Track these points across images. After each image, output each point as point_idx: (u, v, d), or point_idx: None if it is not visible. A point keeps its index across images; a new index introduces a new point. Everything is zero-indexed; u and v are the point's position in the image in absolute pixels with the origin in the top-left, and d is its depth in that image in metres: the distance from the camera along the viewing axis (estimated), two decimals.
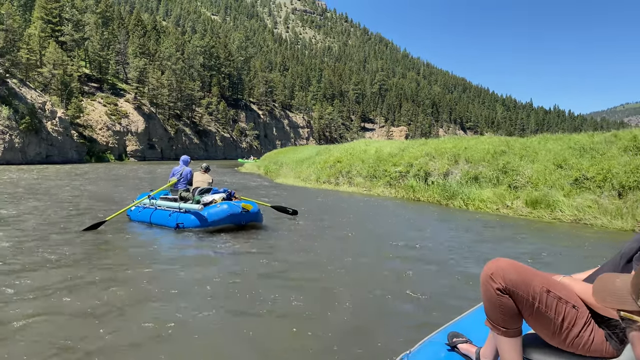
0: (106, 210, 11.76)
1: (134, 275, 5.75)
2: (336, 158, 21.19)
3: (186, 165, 10.86)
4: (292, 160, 30.43)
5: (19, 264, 6.12)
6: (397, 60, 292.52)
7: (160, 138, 77.51)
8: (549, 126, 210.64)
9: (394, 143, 20.21)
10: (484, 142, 15.02)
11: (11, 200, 13.86)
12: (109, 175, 30.01)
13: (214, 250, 7.46)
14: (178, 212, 9.37)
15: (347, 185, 18.08)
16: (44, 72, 59.43)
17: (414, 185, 14.50)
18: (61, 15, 72.73)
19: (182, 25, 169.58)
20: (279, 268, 6.25)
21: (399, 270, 6.16)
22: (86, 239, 7.98)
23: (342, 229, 9.62)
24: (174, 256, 7.03)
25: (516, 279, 1.79)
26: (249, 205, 9.29)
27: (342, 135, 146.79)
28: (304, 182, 21.42)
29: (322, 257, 6.85)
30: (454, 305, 4.48)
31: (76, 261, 6.39)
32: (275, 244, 8.02)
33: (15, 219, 10.01)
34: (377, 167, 17.33)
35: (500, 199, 11.52)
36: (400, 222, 10.55)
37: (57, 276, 5.59)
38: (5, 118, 43.99)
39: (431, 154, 15.68)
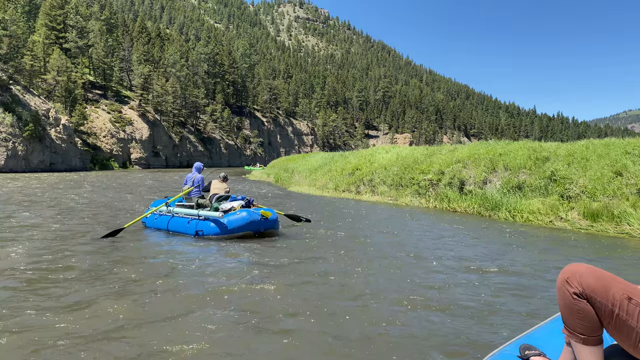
0: (117, 218, 11.67)
1: (160, 284, 5.70)
2: (354, 165, 20.13)
3: (199, 172, 10.78)
4: (303, 168, 29.41)
5: (40, 273, 6.09)
6: (399, 67, 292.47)
7: (165, 145, 76.63)
8: (553, 133, 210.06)
9: (417, 149, 19.16)
10: (522, 148, 13.95)
11: (24, 209, 13.56)
12: (116, 183, 29.02)
13: (238, 259, 7.33)
14: (197, 219, 9.25)
15: (370, 194, 17.00)
16: (47, 79, 58.68)
17: (449, 194, 13.42)
18: (65, 22, 72.16)
19: (186, 33, 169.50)
20: (305, 278, 6.08)
21: (450, 283, 5.81)
22: (106, 247, 7.92)
23: (371, 241, 9.04)
24: (198, 265, 6.86)
25: (594, 284, 1.75)
26: (267, 213, 9.18)
27: (346, 143, 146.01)
28: (321, 191, 20.37)
29: (353, 271, 6.55)
30: (526, 318, 4.36)
31: (98, 268, 6.37)
32: (301, 255, 7.70)
33: (31, 228, 9.85)
34: (402, 174, 16.26)
35: (553, 210, 10.44)
36: (441, 235, 9.49)
37: (78, 285, 5.57)
38: (8, 125, 43.10)
39: (463, 160, 14.62)
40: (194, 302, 4.97)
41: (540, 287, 5.61)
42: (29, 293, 5.21)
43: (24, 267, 6.33)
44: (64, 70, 59.21)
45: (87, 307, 4.76)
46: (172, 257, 7.36)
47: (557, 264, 6.82)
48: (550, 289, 5.47)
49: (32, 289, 5.38)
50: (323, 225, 10.81)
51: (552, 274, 6.19)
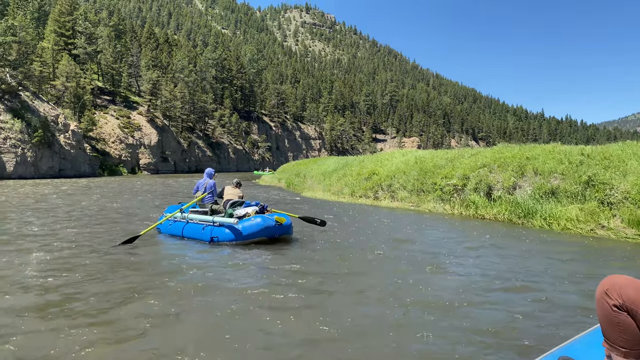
0: (131, 224, 11.71)
1: (181, 292, 5.71)
2: (371, 170, 19.52)
3: (210, 177, 10.75)
4: (316, 172, 28.84)
5: (60, 281, 6.10)
6: (406, 71, 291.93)
7: (174, 151, 76.41)
8: (562, 136, 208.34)
9: (437, 153, 18.53)
10: (551, 151, 13.30)
11: (38, 216, 13.47)
12: (127, 189, 28.60)
13: (256, 266, 7.38)
14: (212, 225, 9.22)
15: (389, 199, 16.38)
16: (57, 85, 58.65)
17: (477, 200, 12.78)
18: (74, 28, 72.29)
19: (193, 39, 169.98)
20: (321, 286, 6.01)
21: (485, 292, 5.58)
22: (124, 255, 7.92)
23: (391, 248, 8.70)
24: (216, 272, 6.85)
25: (635, 297, 1.71)
26: (282, 218, 9.19)
27: (354, 147, 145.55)
28: (336, 196, 19.78)
29: (370, 279, 6.47)
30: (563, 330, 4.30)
31: (117, 277, 6.36)
32: (316, 261, 7.66)
33: (48, 236, 9.81)
34: (423, 180, 15.64)
35: (593, 218, 9.79)
36: (470, 243, 8.88)
37: (97, 294, 5.57)
38: (17, 131, 42.92)
39: (489, 165, 13.99)
40: (217, 311, 4.99)
41: (579, 298, 5.38)
42: (51, 302, 5.21)
43: (44, 276, 6.33)
44: (73, 76, 59.17)
45: (107, 316, 4.78)
46: (191, 265, 7.31)
47: (597, 274, 6.28)
48: (588, 301, 5.22)
49: (53, 298, 5.39)
50: (340, 232, 10.58)
51: (591, 285, 5.63)
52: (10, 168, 41.68)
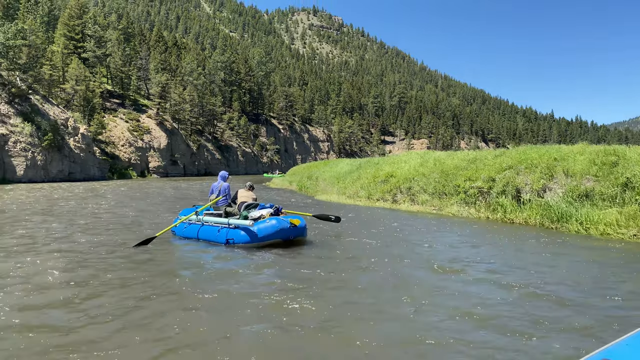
0: (144, 227, 11.76)
1: (198, 292, 5.77)
2: (388, 172, 18.97)
3: (224, 180, 10.75)
4: (329, 175, 28.33)
5: (77, 284, 6.13)
6: (414, 73, 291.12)
7: (183, 154, 76.20)
8: (572, 137, 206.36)
9: (457, 154, 17.94)
10: (581, 152, 12.69)
11: (52, 219, 13.49)
12: (138, 192, 28.24)
13: (271, 268, 7.41)
14: (227, 227, 9.28)
15: (409, 203, 15.82)
16: (66, 88, 58.60)
17: (505, 204, 12.19)
18: (84, 32, 72.34)
19: (201, 42, 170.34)
20: (336, 289, 5.99)
21: (522, 302, 5.31)
22: (139, 257, 7.92)
23: (418, 254, 8.40)
24: (234, 274, 6.89)
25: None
26: (296, 220, 9.27)
27: (362, 149, 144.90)
28: (352, 200, 19.25)
29: (386, 281, 6.42)
30: None
31: (134, 279, 6.37)
32: (332, 263, 7.65)
33: (62, 239, 9.90)
34: (445, 182, 15.06)
35: (636, 222, 9.18)
36: (502, 249, 8.31)
37: (114, 296, 5.61)
38: (27, 135, 42.80)
39: (515, 166, 13.40)
40: (233, 311, 5.05)
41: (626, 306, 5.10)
42: (70, 305, 5.23)
43: (61, 279, 6.37)
44: (82, 80, 59.10)
45: (125, 318, 4.80)
46: (207, 266, 7.37)
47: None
48: None
49: (72, 300, 5.43)
50: (358, 236, 10.35)
51: None
52: (20, 172, 41.55)
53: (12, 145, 41.37)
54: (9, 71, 44.78)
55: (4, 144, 40.81)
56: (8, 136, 41.23)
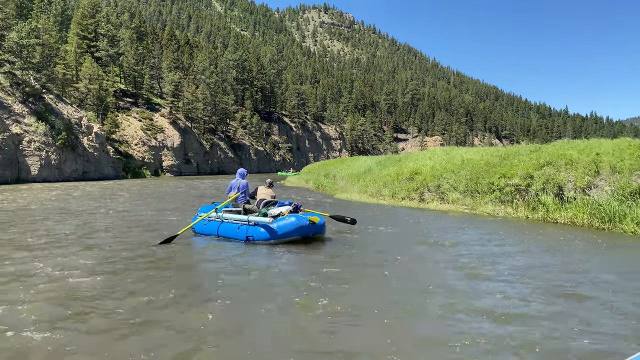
0: (165, 225, 11.76)
1: (225, 292, 5.76)
2: (413, 169, 18.19)
3: (242, 177, 10.76)
4: (346, 173, 27.60)
5: (105, 283, 6.17)
6: (426, 69, 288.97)
7: (196, 152, 75.91)
8: (587, 133, 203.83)
9: (487, 150, 17.11)
10: (628, 147, 11.83)
11: (74, 218, 13.53)
12: (154, 191, 27.75)
13: (293, 266, 7.45)
14: (247, 225, 9.30)
15: (438, 201, 15.03)
16: (80, 87, 58.50)
17: (547, 202, 11.37)
18: (96, 31, 72.33)
19: (213, 41, 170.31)
20: (358, 287, 5.94)
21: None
22: (163, 255, 8.01)
23: (453, 256, 7.76)
24: (256, 271, 6.92)
25: None
26: (315, 218, 9.24)
27: (375, 147, 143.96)
28: (375, 199, 18.49)
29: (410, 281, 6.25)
30: None
31: (160, 277, 6.44)
32: (353, 261, 7.63)
33: (86, 236, 10.08)
34: (477, 179, 14.26)
35: None
36: (552, 251, 7.52)
37: (140, 290, 5.73)
38: (41, 134, 42.60)
39: (555, 162, 12.56)
40: (256, 307, 5.06)
41: None
42: (100, 304, 5.25)
43: (86, 276, 6.43)
44: (96, 79, 58.97)
45: (152, 314, 4.83)
46: (230, 264, 7.41)
47: None
48: None
49: (98, 295, 5.51)
50: (381, 234, 10.09)
51: None
52: (34, 171, 41.36)
53: (27, 145, 41.19)
54: (22, 70, 44.63)
55: (18, 143, 40.63)
56: (22, 136, 41.05)
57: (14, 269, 6.73)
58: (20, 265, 7.02)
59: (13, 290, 5.69)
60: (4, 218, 13.48)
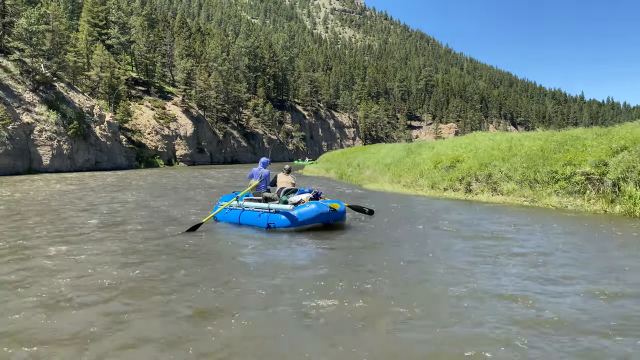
0: (187, 214, 11.91)
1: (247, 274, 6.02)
2: (454, 157, 16.59)
3: (265, 167, 10.82)
4: (372, 161, 26.04)
5: (136, 265, 6.47)
6: (439, 56, 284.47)
7: (209, 142, 74.64)
8: (604, 119, 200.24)
9: (540, 135, 15.44)
10: None
11: (97, 208, 13.60)
12: (171, 180, 26.46)
13: (316, 253, 7.43)
14: (268, 212, 9.41)
15: (489, 192, 13.45)
16: (91, 76, 57.32)
17: (635, 194, 9.76)
18: (107, 18, 71.01)
19: (224, 29, 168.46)
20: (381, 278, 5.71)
21: None
22: (191, 242, 8.14)
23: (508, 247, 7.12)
24: (279, 259, 6.99)
25: None
26: (336, 205, 9.32)
27: (389, 134, 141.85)
28: (412, 189, 16.93)
29: None
30: None
31: (189, 262, 6.63)
32: (376, 246, 7.65)
33: (113, 225, 10.16)
34: (536, 167, 12.64)
35: None
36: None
37: (173, 276, 5.87)
38: (53, 123, 41.48)
39: (631, 148, 10.92)
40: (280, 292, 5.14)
41: None
42: (120, 287, 5.39)
43: (124, 263, 6.57)
44: (107, 66, 57.74)
45: (187, 302, 4.88)
46: (252, 251, 7.56)
47: None
48: None
49: (122, 283, 5.58)
50: (416, 226, 9.53)
51: None
52: (46, 161, 40.34)
53: (38, 135, 40.11)
54: (32, 58, 43.46)
55: (29, 133, 39.57)
56: (33, 125, 39.97)
57: (46, 262, 6.69)
58: (52, 258, 6.93)
59: (46, 280, 5.74)
60: (27, 209, 13.30)
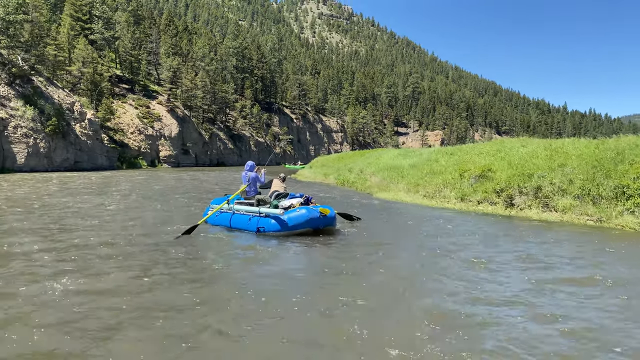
0: (179, 219, 11.71)
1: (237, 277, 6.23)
2: (484, 165, 14.71)
3: (250, 170, 10.67)
4: (376, 167, 24.12)
5: (134, 267, 6.52)
6: (425, 63, 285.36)
7: (195, 143, 71.99)
8: (586, 130, 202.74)
9: (584, 142, 13.65)
10: None
11: (93, 210, 13.28)
12: (159, 184, 24.15)
13: (305, 257, 7.55)
14: (258, 216, 9.37)
15: (538, 208, 11.56)
16: (72, 71, 54.42)
17: None
18: (91, 13, 68.08)
19: (210, 30, 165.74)
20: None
21: None
22: (175, 246, 8.08)
23: None
24: (265, 263, 7.04)
25: None
26: (326, 210, 9.23)
27: (376, 140, 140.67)
28: (435, 201, 14.98)
29: None
30: None
31: (181, 266, 6.68)
32: (364, 253, 7.52)
33: (112, 228, 9.96)
34: (597, 180, 10.80)
35: None
36: None
37: (157, 282, 5.88)
38: (29, 119, 38.67)
39: None
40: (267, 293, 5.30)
41: None
42: (114, 292, 5.39)
43: (107, 269, 6.47)
44: (90, 62, 54.88)
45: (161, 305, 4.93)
46: (239, 255, 7.65)
47: None
48: None
49: (119, 288, 5.53)
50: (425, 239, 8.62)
51: None
52: (21, 160, 37.52)
53: (12, 131, 37.29)
54: (9, 49, 40.64)
55: (3, 129, 36.73)
56: (8, 120, 37.14)
57: (39, 270, 6.44)
58: (46, 264, 6.74)
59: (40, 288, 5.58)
60: None
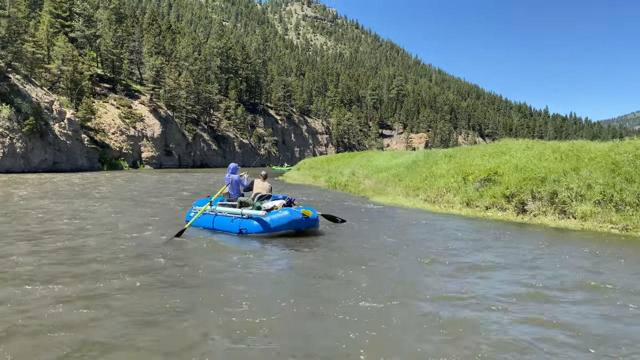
0: (164, 221, 11.71)
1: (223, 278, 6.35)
2: (490, 168, 13.99)
3: (234, 173, 10.62)
4: (369, 170, 23.35)
5: (144, 268, 6.61)
6: (409, 66, 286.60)
7: (178, 144, 70.49)
8: (567, 133, 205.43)
9: (596, 144, 13.01)
10: None
11: (85, 213, 13.24)
12: (145, 186, 23.00)
13: (287, 259, 7.57)
14: (241, 218, 9.40)
15: (555, 215, 10.83)
16: (51, 69, 52.66)
17: None
18: (72, 10, 66.23)
19: (194, 30, 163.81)
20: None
21: None
22: (166, 247, 8.19)
23: None
24: (247, 265, 7.06)
25: None
26: (308, 212, 9.23)
27: (361, 142, 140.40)
28: (438, 207, 14.21)
29: None
30: None
31: (171, 266, 6.81)
32: (346, 254, 7.63)
33: (104, 231, 9.90)
34: (619, 185, 10.10)
35: None
36: None
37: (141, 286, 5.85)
38: (5, 118, 37.05)
39: None
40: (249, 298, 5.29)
41: None
42: (100, 298, 5.33)
43: (119, 270, 6.55)
44: (70, 60, 53.17)
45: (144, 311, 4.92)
46: (221, 258, 7.60)
47: None
48: None
49: (107, 294, 5.51)
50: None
51: None
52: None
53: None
54: None
55: None
56: None
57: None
58: (21, 270, 6.50)
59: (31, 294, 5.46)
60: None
